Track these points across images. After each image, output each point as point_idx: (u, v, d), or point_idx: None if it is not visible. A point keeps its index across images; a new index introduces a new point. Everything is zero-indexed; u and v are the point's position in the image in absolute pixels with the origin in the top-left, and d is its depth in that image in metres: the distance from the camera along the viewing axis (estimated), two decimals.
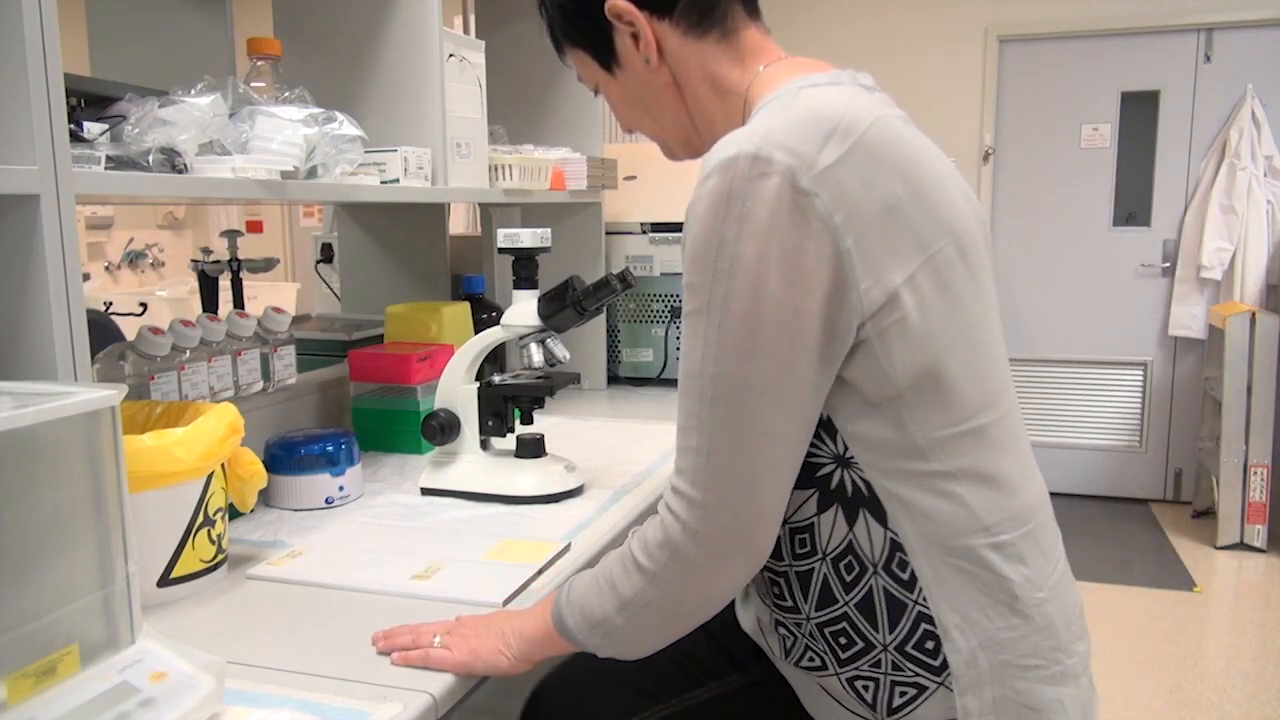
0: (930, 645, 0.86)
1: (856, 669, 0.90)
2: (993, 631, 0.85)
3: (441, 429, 1.52)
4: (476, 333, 1.78)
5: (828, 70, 0.93)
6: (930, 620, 0.86)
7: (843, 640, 0.90)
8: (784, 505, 0.84)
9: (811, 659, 0.94)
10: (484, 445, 1.57)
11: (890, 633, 0.88)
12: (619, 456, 1.75)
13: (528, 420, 1.63)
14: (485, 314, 2.07)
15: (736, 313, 0.78)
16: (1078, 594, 0.95)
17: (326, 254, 2.47)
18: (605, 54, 1.00)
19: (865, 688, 0.90)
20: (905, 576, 0.86)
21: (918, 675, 0.87)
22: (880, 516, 0.86)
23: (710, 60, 0.97)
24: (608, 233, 2.40)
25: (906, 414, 0.83)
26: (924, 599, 0.86)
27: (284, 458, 1.47)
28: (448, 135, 1.68)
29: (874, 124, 0.83)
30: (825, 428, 0.86)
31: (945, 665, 0.86)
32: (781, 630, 0.97)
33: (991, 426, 0.86)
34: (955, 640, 0.85)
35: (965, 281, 0.86)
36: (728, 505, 0.81)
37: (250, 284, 2.14)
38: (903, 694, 0.88)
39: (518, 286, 1.54)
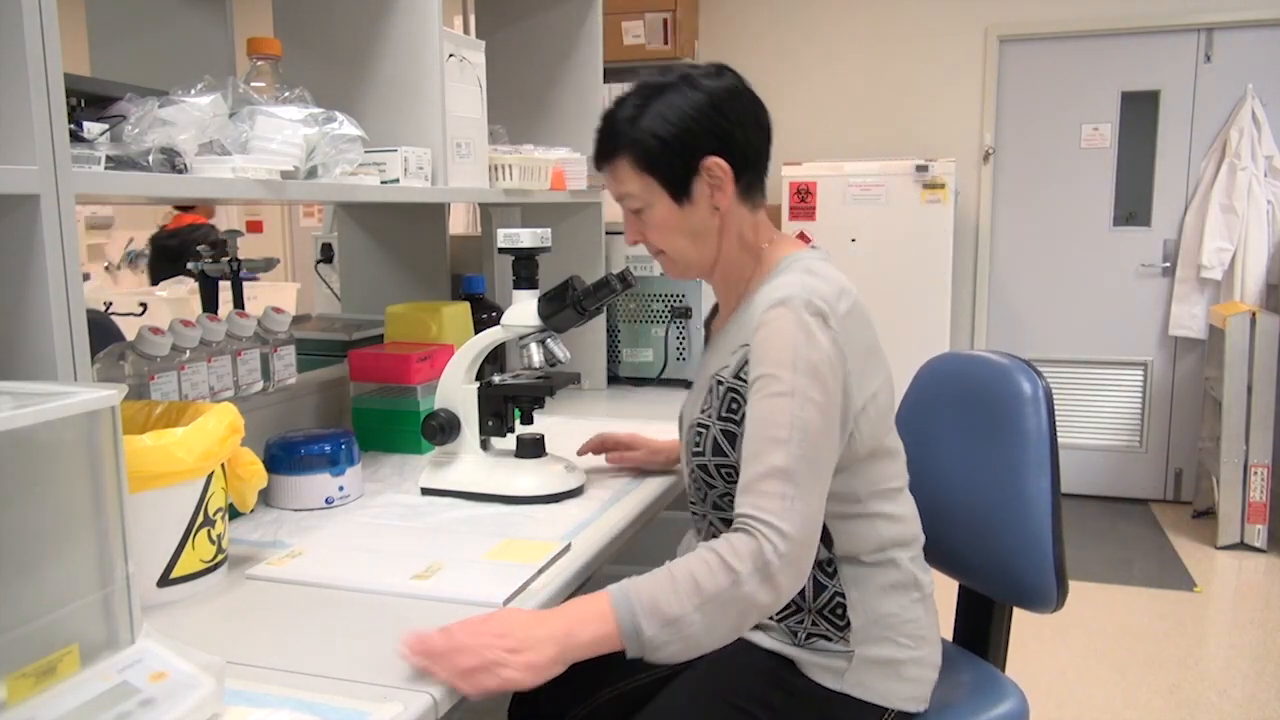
0: (840, 611, 1.24)
1: (779, 622, 1.26)
2: (881, 611, 1.24)
3: (441, 429, 1.52)
4: (476, 333, 1.78)
5: (815, 249, 1.33)
6: (843, 596, 1.24)
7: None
8: None
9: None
10: (484, 445, 1.57)
11: (814, 600, 1.24)
12: None
13: (528, 420, 1.63)
14: (485, 314, 2.07)
15: (814, 399, 1.12)
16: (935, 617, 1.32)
17: (326, 254, 2.47)
18: (680, 190, 1.25)
19: (785, 636, 1.26)
20: (830, 571, 1.25)
21: (827, 629, 1.24)
22: (828, 542, 1.24)
23: (744, 221, 1.29)
24: (608, 233, 2.40)
25: (857, 474, 1.22)
26: (840, 585, 1.24)
27: (284, 458, 1.47)
28: (448, 135, 1.68)
29: (857, 295, 1.23)
30: None
31: (848, 625, 1.24)
32: None
33: (900, 487, 1.29)
34: (857, 611, 1.24)
35: (893, 397, 1.27)
36: (804, 536, 1.08)
37: (250, 284, 2.14)
38: (813, 638, 1.24)
39: (518, 286, 1.54)
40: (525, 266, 1.53)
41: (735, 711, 1.20)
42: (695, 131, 1.22)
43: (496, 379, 1.60)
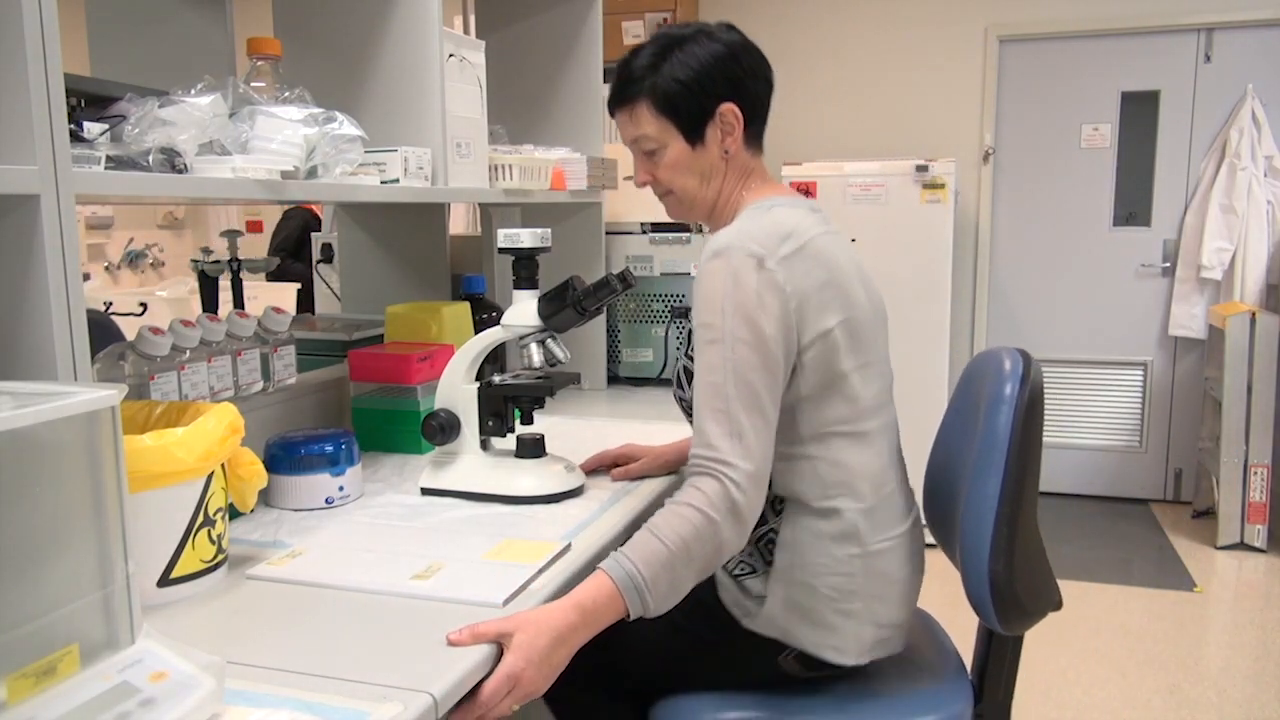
0: (769, 548, 1.30)
1: None
2: (808, 558, 1.27)
3: (441, 429, 1.52)
4: (476, 333, 1.78)
5: (791, 196, 1.37)
6: (775, 533, 1.29)
7: None
8: None
9: None
10: (484, 445, 1.57)
11: (753, 532, 1.27)
12: None
13: (528, 420, 1.63)
14: (485, 314, 2.07)
15: (743, 339, 1.18)
16: (907, 581, 1.33)
17: (326, 254, 2.47)
18: (694, 133, 1.32)
19: None
20: (778, 509, 1.29)
21: (755, 562, 1.31)
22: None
23: (746, 166, 1.37)
24: (608, 233, 2.40)
25: (801, 413, 1.26)
26: (779, 522, 1.29)
27: (284, 458, 1.47)
28: (448, 135, 1.68)
29: (813, 238, 1.26)
30: None
31: (772, 562, 1.29)
32: None
33: (850, 433, 1.28)
34: (784, 550, 1.28)
35: (867, 337, 1.29)
36: (758, 470, 1.17)
37: (250, 284, 2.14)
38: (742, 567, 1.32)
39: (518, 286, 1.54)
40: (525, 266, 1.53)
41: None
42: (714, 78, 1.30)
43: (496, 379, 1.60)
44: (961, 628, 1.42)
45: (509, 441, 1.58)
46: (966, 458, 1.37)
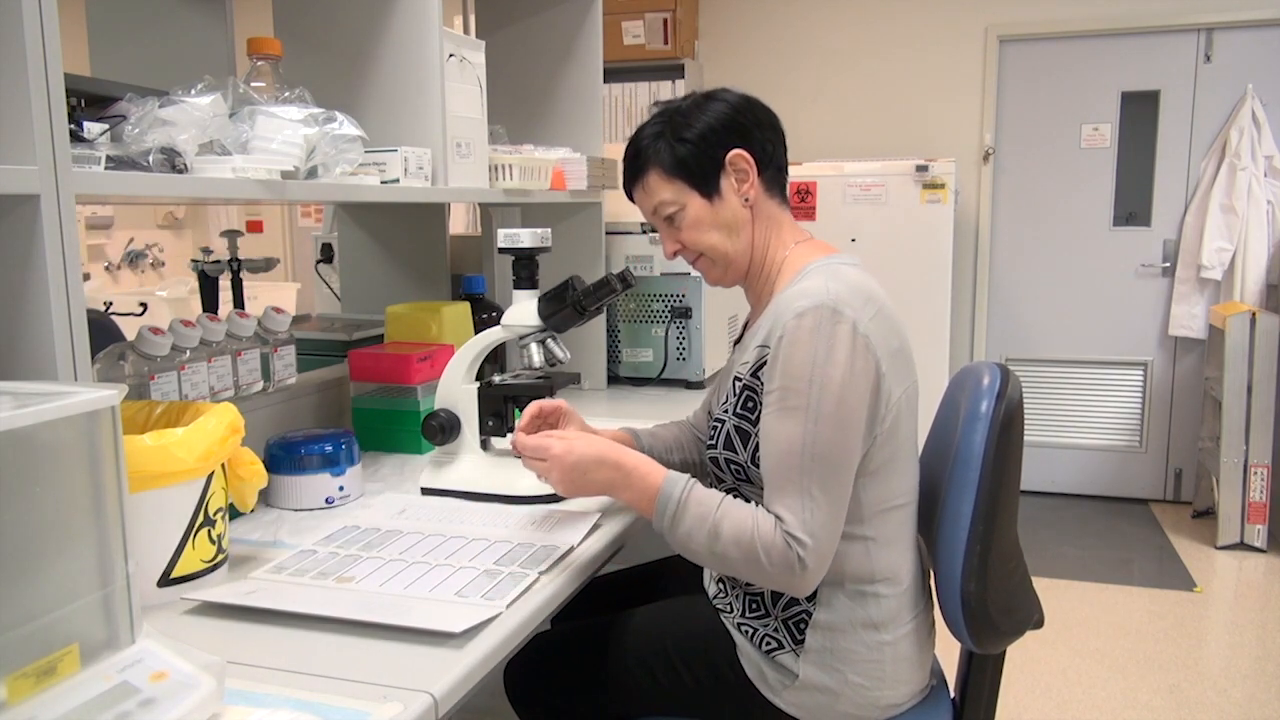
0: (801, 626, 1.27)
1: (744, 619, 1.31)
2: (841, 645, 1.26)
3: (441, 429, 1.52)
4: (476, 333, 1.78)
5: (840, 253, 1.34)
6: (809, 615, 1.26)
7: (753, 604, 1.30)
8: None
9: (727, 606, 1.34)
10: (484, 445, 1.57)
11: (783, 609, 1.28)
12: None
13: None
14: (485, 314, 2.07)
15: (828, 415, 1.15)
16: (921, 662, 1.32)
17: (326, 254, 2.47)
18: (709, 187, 1.31)
19: (746, 631, 1.30)
20: (813, 592, 1.25)
21: (784, 638, 1.28)
22: None
23: (774, 214, 1.36)
24: (608, 233, 2.40)
25: (867, 488, 1.23)
26: (813, 605, 1.26)
27: (284, 458, 1.47)
28: (448, 135, 1.68)
29: (885, 300, 1.25)
30: None
31: (803, 642, 1.26)
32: (720, 583, 1.37)
33: (904, 504, 1.29)
34: (816, 632, 1.26)
35: (917, 401, 1.30)
36: (824, 546, 1.16)
37: (250, 284, 2.14)
38: (768, 642, 1.29)
39: (518, 286, 1.54)
40: (525, 266, 1.53)
41: (669, 665, 1.32)
42: (717, 129, 1.30)
43: (496, 379, 1.60)
44: (945, 643, 1.41)
45: (509, 441, 1.58)
46: (944, 474, 1.35)
